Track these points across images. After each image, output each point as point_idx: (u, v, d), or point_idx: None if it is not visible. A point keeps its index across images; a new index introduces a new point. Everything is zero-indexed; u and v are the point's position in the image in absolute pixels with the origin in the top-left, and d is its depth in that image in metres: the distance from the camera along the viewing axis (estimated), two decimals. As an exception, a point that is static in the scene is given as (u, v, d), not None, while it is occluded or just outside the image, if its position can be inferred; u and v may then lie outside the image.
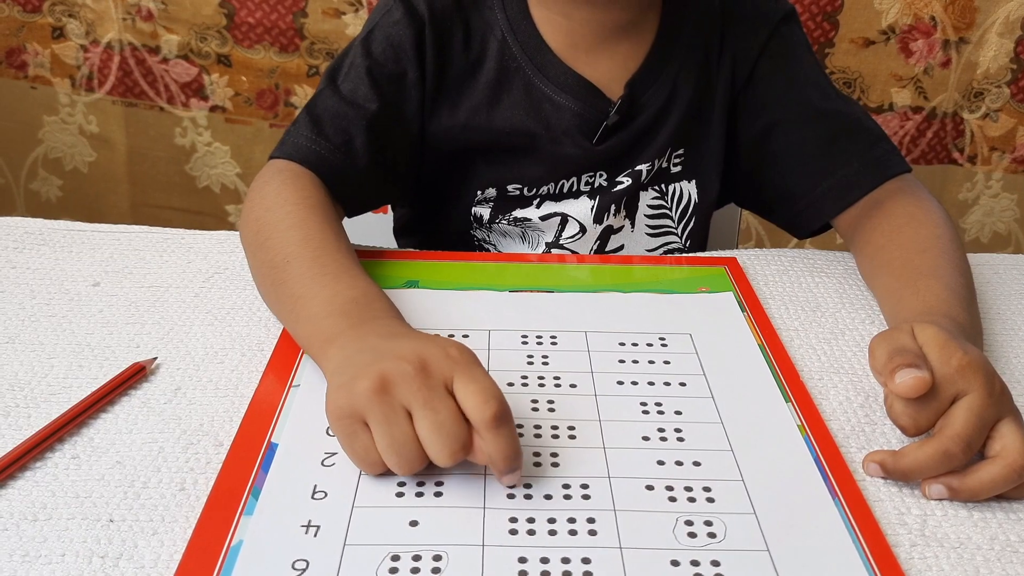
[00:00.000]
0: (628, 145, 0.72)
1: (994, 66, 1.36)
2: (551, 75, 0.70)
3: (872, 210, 0.66)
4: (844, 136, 0.70)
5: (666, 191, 0.74)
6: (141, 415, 0.49)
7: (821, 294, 0.65)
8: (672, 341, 0.57)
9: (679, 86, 0.71)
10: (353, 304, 0.51)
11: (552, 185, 0.72)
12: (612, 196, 0.72)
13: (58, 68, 1.46)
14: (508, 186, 0.72)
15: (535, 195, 0.73)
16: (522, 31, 0.70)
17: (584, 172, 0.72)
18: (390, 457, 0.43)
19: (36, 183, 1.57)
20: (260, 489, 0.44)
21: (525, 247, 0.75)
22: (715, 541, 0.41)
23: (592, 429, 0.49)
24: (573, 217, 0.72)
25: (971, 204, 1.49)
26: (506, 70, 0.70)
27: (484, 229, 0.75)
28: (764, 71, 0.73)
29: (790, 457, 0.47)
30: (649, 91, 0.71)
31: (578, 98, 0.70)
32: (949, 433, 0.45)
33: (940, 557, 0.42)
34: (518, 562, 0.40)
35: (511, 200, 0.73)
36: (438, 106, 0.70)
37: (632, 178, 0.72)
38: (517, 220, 0.73)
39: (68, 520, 0.42)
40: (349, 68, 0.68)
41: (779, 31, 0.73)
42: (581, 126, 0.70)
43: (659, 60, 0.71)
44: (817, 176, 0.70)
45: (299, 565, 0.39)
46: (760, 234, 1.51)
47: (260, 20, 1.38)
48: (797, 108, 0.72)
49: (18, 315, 0.58)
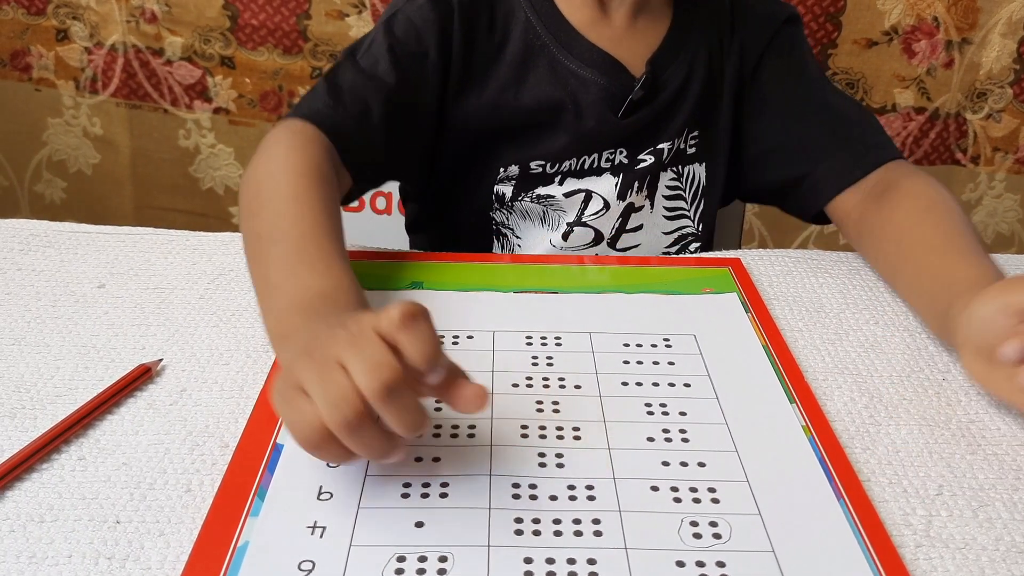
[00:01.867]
0: (650, 122, 0.74)
1: (997, 67, 1.36)
2: (576, 51, 0.72)
3: (887, 193, 0.67)
4: (844, 125, 0.74)
5: (682, 173, 0.76)
6: (147, 417, 0.49)
7: (825, 295, 0.65)
8: (676, 342, 0.57)
9: (695, 67, 0.74)
10: (320, 299, 0.49)
11: (574, 161, 0.74)
12: (636, 173, 0.74)
13: (62, 70, 1.46)
14: (531, 163, 0.74)
15: (557, 172, 0.74)
16: (545, 12, 0.72)
17: (606, 148, 0.74)
18: (327, 410, 0.39)
19: (40, 185, 1.57)
20: (266, 490, 0.44)
21: (545, 229, 0.76)
22: (720, 542, 0.41)
23: (597, 430, 0.49)
24: (598, 193, 0.74)
25: (974, 205, 1.49)
26: (531, 48, 0.72)
27: (505, 210, 0.76)
28: (769, 64, 0.76)
29: (795, 458, 0.47)
30: (669, 69, 0.74)
31: (604, 72, 0.72)
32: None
33: (945, 558, 0.42)
34: (524, 563, 0.40)
35: (533, 178, 0.75)
36: (465, 89, 0.72)
37: (655, 156, 0.74)
38: (540, 198, 0.74)
39: (75, 521, 0.42)
40: (369, 45, 0.70)
41: (784, 30, 0.77)
42: (607, 99, 0.72)
43: (677, 41, 0.74)
44: (818, 159, 0.73)
45: (305, 566, 0.39)
46: (763, 235, 1.51)
47: (264, 22, 1.38)
48: (800, 100, 0.75)
49: (24, 317, 0.58)
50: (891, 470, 0.47)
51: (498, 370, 0.54)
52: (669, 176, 0.76)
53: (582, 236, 0.75)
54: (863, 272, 0.68)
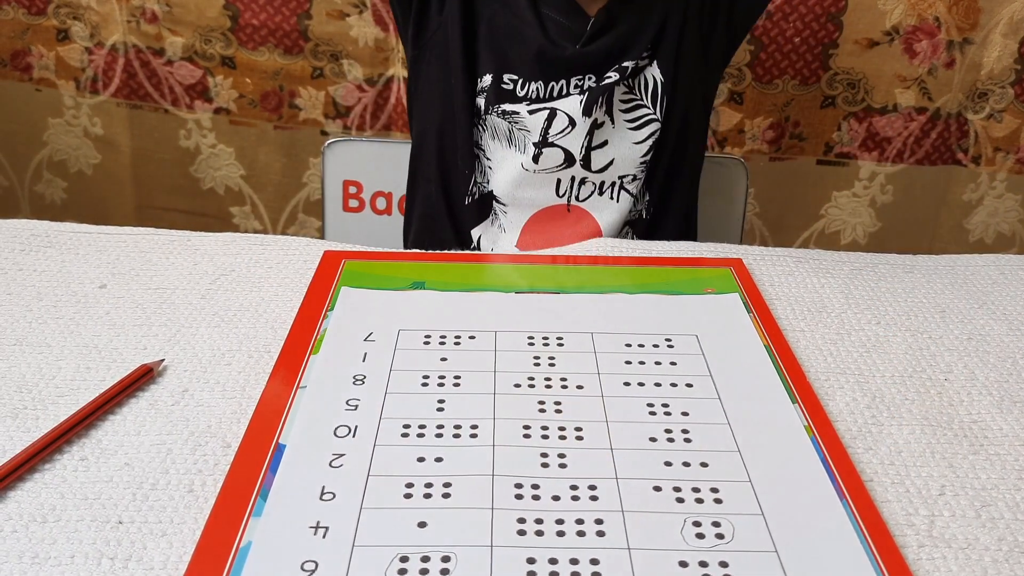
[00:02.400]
0: (612, 48, 0.79)
1: (998, 67, 1.36)
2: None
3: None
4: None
5: (633, 84, 0.80)
6: (149, 417, 0.49)
7: (827, 295, 0.65)
8: (678, 342, 0.57)
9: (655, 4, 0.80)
10: None
11: (542, 85, 0.79)
12: (600, 89, 0.79)
13: (63, 70, 1.46)
14: (504, 75, 0.79)
15: (526, 95, 0.79)
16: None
17: (574, 75, 0.79)
18: None
19: (41, 185, 1.57)
20: (268, 490, 0.44)
21: (513, 151, 0.80)
22: (723, 542, 0.41)
23: (599, 430, 0.49)
24: (562, 110, 0.78)
25: (975, 205, 1.49)
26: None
27: (480, 126, 0.81)
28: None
29: (797, 458, 0.47)
30: (626, 11, 0.80)
31: (562, 12, 0.80)
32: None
33: (948, 558, 0.42)
34: (527, 563, 0.40)
35: (504, 92, 0.80)
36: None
37: (619, 73, 0.78)
38: (506, 113, 0.79)
39: (77, 522, 0.42)
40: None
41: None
42: (566, 36, 0.79)
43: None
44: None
45: (308, 566, 0.39)
46: (764, 235, 1.51)
47: (264, 22, 1.38)
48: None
49: (25, 317, 0.58)
50: (893, 470, 0.47)
51: (500, 370, 0.54)
52: (621, 90, 0.80)
53: (552, 157, 0.79)
54: (865, 272, 0.68)
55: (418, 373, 0.53)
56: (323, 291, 0.62)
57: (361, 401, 0.50)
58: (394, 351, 0.55)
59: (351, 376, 0.53)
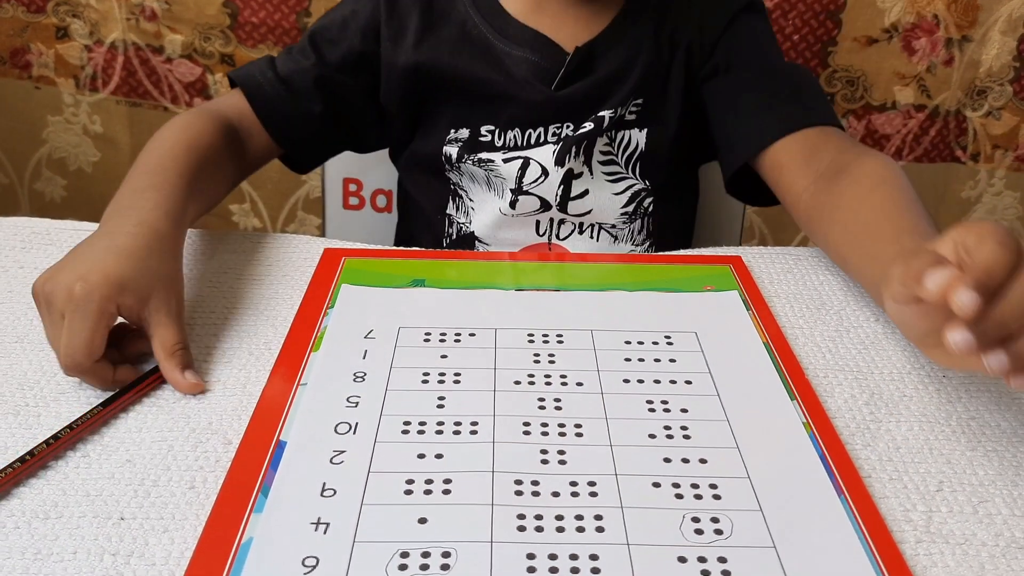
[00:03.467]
0: (590, 93, 0.76)
1: (997, 64, 1.36)
2: (509, 34, 0.76)
3: (837, 178, 0.65)
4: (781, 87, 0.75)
5: (614, 138, 0.77)
6: (151, 414, 0.50)
7: (826, 292, 0.65)
8: (678, 339, 0.57)
9: (643, 42, 0.76)
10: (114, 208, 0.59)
11: (519, 133, 0.76)
12: (573, 139, 0.75)
13: (62, 68, 1.46)
14: (481, 128, 0.77)
15: (504, 145, 0.77)
16: (483, 2, 0.77)
17: (551, 123, 0.76)
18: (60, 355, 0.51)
19: (40, 183, 1.57)
20: (269, 487, 0.44)
21: (492, 195, 0.78)
22: (722, 538, 0.42)
23: (599, 427, 0.49)
24: (535, 160, 0.75)
25: (974, 202, 1.49)
26: (467, 34, 0.76)
27: (455, 171, 0.79)
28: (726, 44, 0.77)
29: (796, 454, 0.47)
30: (612, 48, 0.75)
31: (535, 50, 0.75)
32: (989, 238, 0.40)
33: (945, 554, 0.42)
34: (526, 559, 0.40)
35: (482, 144, 0.77)
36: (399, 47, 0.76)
37: (595, 123, 0.75)
38: (482, 161, 0.77)
39: (79, 518, 0.42)
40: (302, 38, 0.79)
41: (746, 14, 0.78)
42: (539, 74, 0.75)
43: (624, 23, 0.76)
44: (742, 119, 0.74)
45: (309, 562, 0.40)
46: (763, 233, 1.51)
47: (263, 20, 1.38)
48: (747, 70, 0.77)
49: (27, 315, 0.58)
50: (891, 466, 0.48)
51: (500, 367, 0.54)
52: (603, 141, 0.77)
53: (528, 204, 0.77)
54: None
55: (418, 370, 0.53)
56: (323, 289, 0.62)
57: (361, 398, 0.51)
58: (394, 348, 0.55)
59: (351, 373, 0.53)
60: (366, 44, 0.77)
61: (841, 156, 0.67)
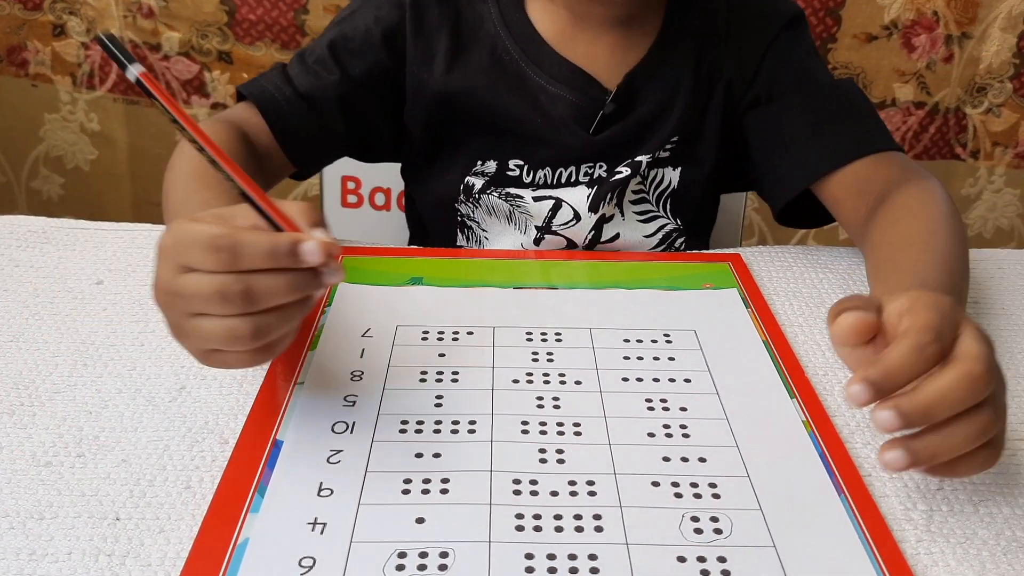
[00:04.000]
0: (628, 136, 0.71)
1: (997, 61, 1.36)
2: (544, 65, 0.69)
3: (878, 206, 0.64)
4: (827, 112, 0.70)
5: (648, 176, 0.73)
6: (146, 413, 0.49)
7: (825, 290, 0.65)
8: (676, 337, 0.57)
9: (683, 79, 0.71)
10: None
11: (550, 171, 0.72)
12: (609, 185, 0.71)
13: (59, 66, 1.46)
14: (510, 162, 0.72)
15: (533, 181, 0.73)
16: (515, 24, 0.70)
17: (584, 162, 0.72)
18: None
19: (37, 181, 1.57)
20: (266, 487, 0.44)
21: (512, 229, 0.74)
22: (721, 537, 0.41)
23: (597, 426, 0.49)
24: (568, 203, 0.71)
25: (974, 199, 1.49)
26: (499, 61, 0.70)
27: (471, 202, 0.74)
28: (767, 67, 0.72)
29: (795, 453, 0.47)
30: (650, 83, 0.70)
31: (573, 87, 0.69)
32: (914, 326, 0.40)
33: (946, 552, 0.42)
34: (524, 558, 0.40)
35: (509, 178, 0.73)
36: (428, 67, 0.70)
37: (631, 168, 0.71)
38: (509, 195, 0.72)
39: (74, 518, 0.42)
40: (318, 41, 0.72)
41: (786, 32, 0.73)
42: (577, 116, 0.70)
43: (661, 53, 0.70)
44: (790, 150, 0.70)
45: (306, 562, 0.39)
46: (763, 231, 1.51)
47: (261, 17, 1.38)
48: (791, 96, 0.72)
49: (22, 313, 0.58)
50: (892, 465, 0.47)
51: (498, 366, 0.53)
52: (635, 181, 0.72)
53: (554, 243, 0.73)
54: (863, 267, 0.68)
55: (416, 369, 0.53)
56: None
57: (359, 397, 0.50)
58: (392, 347, 0.55)
59: (349, 372, 0.52)
60: (392, 59, 0.71)
61: (887, 186, 0.65)
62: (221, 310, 0.41)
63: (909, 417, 0.38)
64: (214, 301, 0.40)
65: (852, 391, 0.39)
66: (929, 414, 0.39)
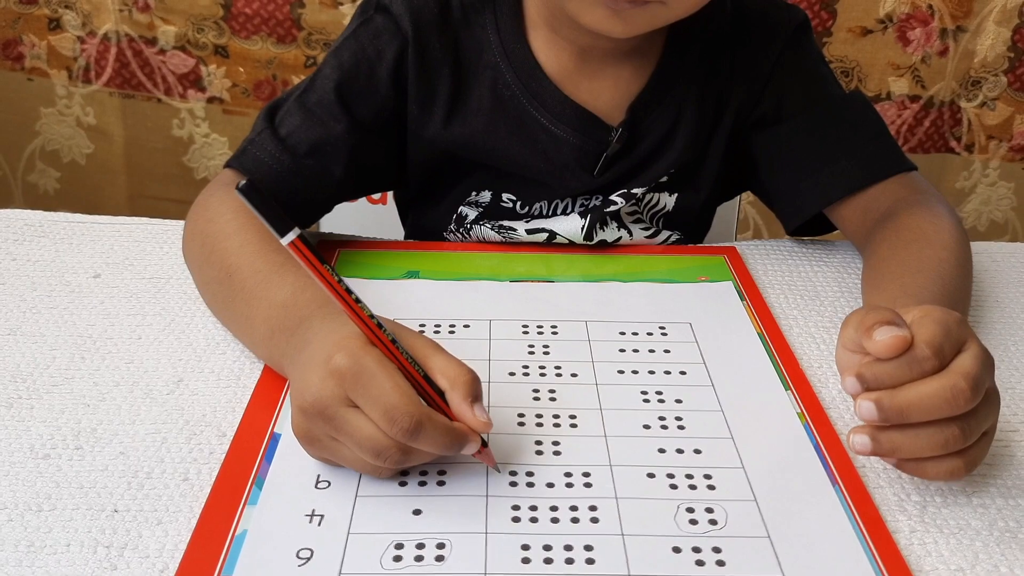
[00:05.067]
0: (630, 171, 0.69)
1: (991, 54, 1.36)
2: (547, 104, 0.66)
3: (886, 221, 0.63)
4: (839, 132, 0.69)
5: (641, 199, 0.71)
6: (144, 406, 0.50)
7: (820, 283, 0.65)
8: (672, 330, 0.57)
9: (684, 108, 0.68)
10: (283, 312, 0.50)
11: (546, 204, 0.70)
12: (603, 214, 0.69)
13: (55, 60, 1.45)
14: (503, 194, 0.70)
15: (528, 213, 0.71)
16: (516, 55, 0.66)
17: (581, 196, 0.70)
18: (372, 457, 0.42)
19: (34, 175, 1.56)
20: (264, 479, 0.44)
21: None
22: (716, 528, 0.42)
23: (593, 418, 0.49)
24: (561, 235, 0.69)
25: (968, 193, 1.49)
26: (500, 98, 0.67)
27: (461, 232, 0.72)
28: (775, 86, 0.70)
29: (790, 444, 0.48)
30: (652, 115, 0.68)
31: (576, 129, 0.66)
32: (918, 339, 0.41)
33: (940, 543, 0.42)
34: (521, 549, 0.40)
35: (503, 210, 0.71)
36: (427, 119, 0.67)
37: (625, 199, 0.68)
38: (502, 227, 0.70)
39: (73, 511, 0.42)
40: (313, 80, 0.66)
41: (792, 44, 0.70)
42: (581, 159, 0.67)
43: (663, 83, 0.68)
44: (803, 173, 0.68)
45: (303, 554, 0.40)
46: (758, 224, 1.51)
47: (257, 11, 1.37)
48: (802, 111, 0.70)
49: (19, 307, 0.58)
50: (886, 456, 0.48)
51: (494, 359, 0.54)
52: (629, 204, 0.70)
53: None
54: (857, 260, 0.68)
55: (413, 362, 0.53)
56: (317, 280, 0.62)
57: (356, 390, 0.50)
58: (389, 340, 0.55)
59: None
60: (398, 97, 0.66)
61: (896, 204, 0.64)
62: (371, 460, 0.42)
63: (885, 412, 0.41)
64: (367, 451, 0.41)
65: (847, 383, 0.43)
66: (904, 414, 0.41)
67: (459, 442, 0.42)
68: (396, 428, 0.40)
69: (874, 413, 0.41)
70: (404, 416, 0.40)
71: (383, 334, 0.42)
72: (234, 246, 0.55)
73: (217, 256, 0.55)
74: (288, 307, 0.50)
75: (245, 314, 0.52)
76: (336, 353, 0.42)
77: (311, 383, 0.42)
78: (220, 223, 0.57)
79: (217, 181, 0.63)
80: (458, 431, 0.42)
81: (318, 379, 0.42)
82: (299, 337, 0.47)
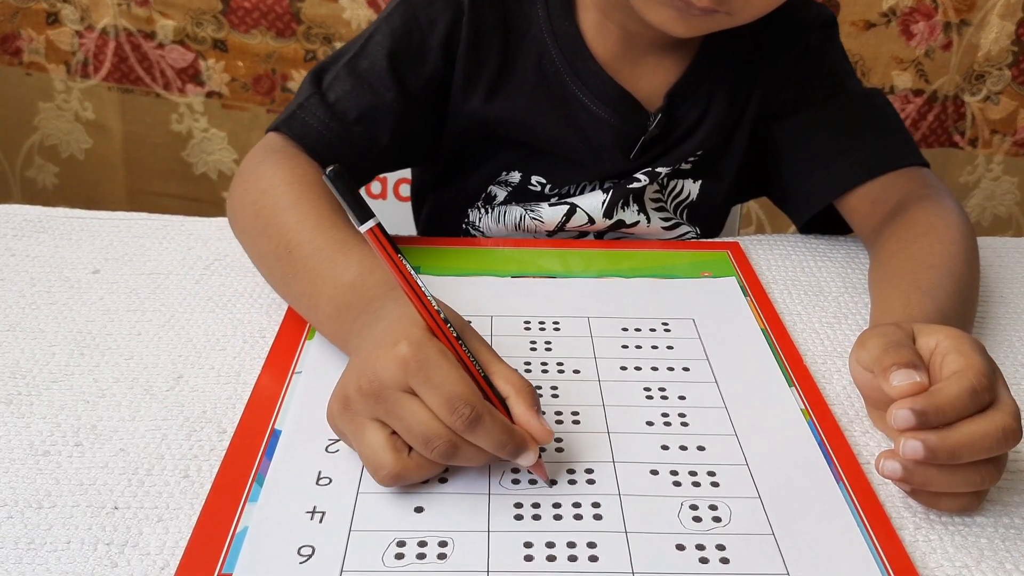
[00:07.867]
0: (661, 155, 0.70)
1: (995, 48, 1.36)
2: (591, 84, 0.67)
3: (896, 215, 0.64)
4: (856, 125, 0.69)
5: (664, 185, 0.72)
6: (143, 403, 0.49)
7: (823, 278, 0.65)
8: (675, 326, 0.57)
9: (713, 99, 0.70)
10: (351, 292, 0.50)
11: (574, 187, 0.71)
12: (625, 191, 0.70)
13: (53, 54, 1.45)
14: (533, 177, 0.71)
15: (555, 193, 0.72)
16: (564, 33, 0.67)
17: (609, 180, 0.71)
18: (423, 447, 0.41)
19: (32, 170, 1.56)
20: (264, 476, 0.43)
21: (518, 235, 0.73)
22: (720, 525, 0.41)
23: (596, 414, 0.49)
24: (582, 208, 0.71)
25: (972, 187, 1.49)
26: (544, 75, 0.67)
27: (485, 208, 0.73)
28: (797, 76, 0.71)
29: (794, 441, 0.47)
30: (686, 104, 0.69)
31: (617, 111, 0.67)
32: (972, 368, 0.41)
33: (944, 539, 0.42)
34: (524, 547, 0.40)
35: (531, 194, 0.72)
36: (469, 97, 0.67)
37: (650, 177, 0.70)
38: (528, 206, 0.72)
39: (73, 508, 0.42)
40: (366, 44, 0.65)
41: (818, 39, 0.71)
42: (619, 141, 0.68)
43: (699, 72, 0.69)
44: (817, 162, 0.69)
45: (305, 551, 0.39)
46: (761, 219, 1.51)
47: (256, 5, 1.37)
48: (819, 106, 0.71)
49: (18, 303, 0.58)
50: (890, 453, 0.47)
51: (496, 354, 0.53)
52: (653, 189, 0.71)
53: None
54: (862, 255, 0.68)
55: (414, 358, 0.53)
56: (318, 276, 0.61)
57: (357, 386, 0.50)
58: (390, 336, 0.55)
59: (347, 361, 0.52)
60: (445, 69, 0.66)
61: (905, 198, 0.65)
62: (419, 449, 0.41)
63: (935, 453, 0.40)
64: (417, 439, 0.41)
65: (899, 416, 0.41)
66: (955, 456, 0.40)
67: (517, 445, 0.41)
68: (455, 416, 0.40)
69: (920, 454, 0.40)
70: (466, 405, 0.40)
71: (449, 331, 0.43)
72: (292, 221, 0.55)
73: (274, 230, 0.55)
74: (356, 287, 0.50)
75: (308, 292, 0.52)
76: (403, 339, 0.41)
77: (374, 363, 0.42)
78: (274, 195, 0.57)
79: (265, 146, 0.62)
80: (518, 434, 0.41)
81: (381, 362, 0.41)
82: (369, 314, 0.47)
